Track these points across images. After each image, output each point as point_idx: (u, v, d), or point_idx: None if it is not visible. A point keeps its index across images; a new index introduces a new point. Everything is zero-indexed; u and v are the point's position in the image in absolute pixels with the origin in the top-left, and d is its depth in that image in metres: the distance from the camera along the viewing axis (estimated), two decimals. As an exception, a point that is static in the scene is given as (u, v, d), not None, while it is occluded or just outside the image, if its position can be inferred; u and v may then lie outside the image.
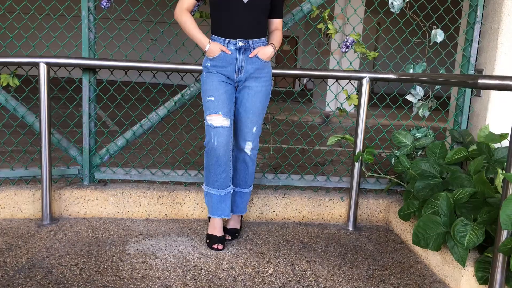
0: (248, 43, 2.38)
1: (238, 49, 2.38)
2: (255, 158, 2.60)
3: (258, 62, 2.42)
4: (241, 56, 2.39)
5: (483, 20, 2.97)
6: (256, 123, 2.50)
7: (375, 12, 3.32)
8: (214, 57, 2.38)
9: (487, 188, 2.17)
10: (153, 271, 2.16)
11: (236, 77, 2.42)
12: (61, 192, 2.82)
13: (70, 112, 7.05)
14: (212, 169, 2.44)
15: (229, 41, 2.37)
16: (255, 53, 2.40)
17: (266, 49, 2.42)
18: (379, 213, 3.02)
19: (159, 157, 4.22)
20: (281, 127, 3.23)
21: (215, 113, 2.37)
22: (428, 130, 2.99)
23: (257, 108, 2.47)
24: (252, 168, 2.61)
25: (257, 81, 2.44)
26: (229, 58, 2.38)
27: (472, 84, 1.81)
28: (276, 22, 2.53)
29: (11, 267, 2.13)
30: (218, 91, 2.38)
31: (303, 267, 2.30)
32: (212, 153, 2.40)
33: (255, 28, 2.39)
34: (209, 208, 2.53)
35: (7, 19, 2.87)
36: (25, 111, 2.83)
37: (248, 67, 2.41)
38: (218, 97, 2.38)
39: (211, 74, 2.41)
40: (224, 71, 2.40)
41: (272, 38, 2.51)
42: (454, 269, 2.14)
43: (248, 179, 2.63)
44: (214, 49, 2.36)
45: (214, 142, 2.38)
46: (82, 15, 2.77)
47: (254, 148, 2.56)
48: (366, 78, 2.79)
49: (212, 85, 2.39)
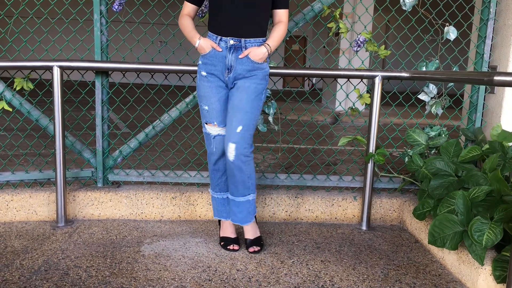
0: (240, 42, 2.25)
1: (229, 47, 2.25)
2: (244, 165, 2.29)
3: (249, 63, 2.27)
4: (231, 55, 2.26)
5: (497, 16, 2.94)
6: (241, 122, 2.25)
7: (385, 10, 3.29)
8: (205, 54, 2.29)
9: (503, 186, 2.14)
10: (168, 272, 2.17)
11: (226, 76, 2.30)
12: (76, 194, 2.84)
13: (83, 114, 7.10)
14: (212, 174, 2.46)
15: (221, 39, 2.26)
16: (246, 53, 2.26)
17: (258, 49, 2.25)
18: (392, 213, 3.00)
19: (171, 159, 4.23)
20: (293, 127, 3.22)
21: (210, 122, 2.35)
22: (441, 129, 2.96)
23: (244, 105, 2.25)
24: (239, 176, 2.30)
25: (246, 80, 2.29)
26: (219, 56, 2.27)
27: (487, 81, 1.79)
28: (280, 13, 2.32)
29: (27, 269, 2.15)
30: (211, 100, 2.32)
31: (318, 267, 2.29)
32: (212, 158, 2.41)
33: (250, 27, 2.25)
34: (214, 210, 2.54)
35: (21, 24, 2.90)
36: (39, 114, 2.86)
37: (237, 67, 2.27)
38: (211, 106, 2.32)
39: (203, 78, 2.33)
40: (214, 70, 2.30)
41: (271, 35, 2.31)
42: (471, 268, 2.12)
43: (239, 187, 2.35)
44: (204, 45, 2.27)
45: (213, 147, 2.38)
46: (94, 19, 2.79)
47: (240, 154, 2.25)
48: (379, 76, 2.77)
49: (204, 91, 2.33)
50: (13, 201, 2.78)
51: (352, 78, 2.88)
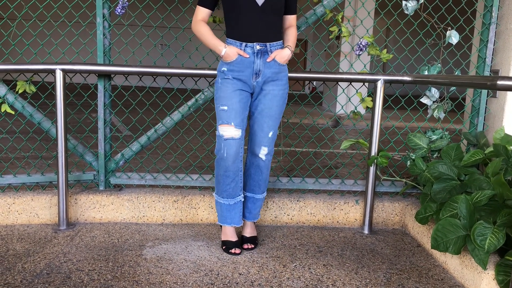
0: (265, 46, 2.34)
1: (256, 52, 2.33)
2: (270, 163, 2.55)
3: (276, 65, 2.38)
4: (259, 60, 2.34)
5: (499, 21, 2.94)
6: (273, 127, 2.46)
7: (386, 14, 3.29)
8: (231, 61, 2.33)
9: (506, 190, 2.14)
10: (170, 275, 2.17)
11: (254, 81, 2.37)
12: (77, 197, 2.84)
13: (85, 117, 7.11)
14: (221, 180, 2.42)
15: (246, 45, 2.32)
16: (273, 57, 2.35)
17: (283, 52, 2.38)
18: (394, 216, 2.99)
19: (173, 162, 4.23)
20: (295, 130, 3.22)
21: (227, 123, 2.33)
22: (443, 132, 2.96)
23: (274, 112, 2.43)
24: (266, 173, 2.55)
25: (274, 85, 2.40)
26: (246, 62, 2.33)
27: (490, 86, 1.79)
28: (290, 18, 2.47)
29: (29, 272, 2.15)
30: (232, 100, 2.33)
31: (320, 271, 2.28)
32: (222, 163, 2.38)
33: (271, 31, 2.34)
34: (218, 216, 2.53)
35: (24, 27, 2.91)
36: (41, 117, 2.87)
37: (266, 71, 2.36)
38: (231, 106, 2.33)
39: (226, 80, 2.35)
40: (241, 76, 2.34)
41: (288, 39, 2.45)
42: (474, 273, 2.11)
43: (262, 185, 2.57)
44: (230, 53, 2.31)
45: (223, 153, 2.35)
46: (97, 22, 2.80)
47: (269, 154, 2.51)
48: (381, 80, 2.77)
49: (226, 93, 2.34)
50: (15, 204, 2.78)
51: (354, 82, 2.87)
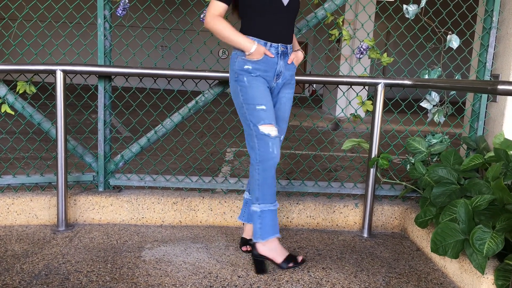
0: (286, 48, 2.27)
1: (280, 53, 2.24)
2: None
3: (293, 68, 2.34)
4: (282, 61, 2.25)
5: (499, 25, 2.94)
6: (285, 130, 2.43)
7: (387, 18, 3.31)
8: (257, 60, 2.19)
9: (506, 194, 2.13)
10: (169, 278, 2.16)
11: (274, 83, 2.28)
12: (77, 199, 2.84)
13: (85, 118, 7.12)
14: (271, 181, 2.23)
15: (271, 45, 2.21)
16: (292, 59, 2.30)
17: (298, 54, 2.34)
18: (394, 220, 2.99)
19: (173, 163, 4.23)
20: (295, 133, 3.22)
21: (269, 123, 2.17)
22: (443, 136, 2.96)
23: (287, 115, 2.40)
24: None
25: (288, 88, 2.36)
26: (271, 63, 2.22)
27: (491, 90, 1.79)
28: None
29: (28, 273, 2.15)
30: (267, 98, 2.20)
31: (319, 275, 2.28)
32: (271, 163, 2.20)
33: (290, 32, 2.28)
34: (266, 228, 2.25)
35: (24, 27, 2.91)
36: (41, 118, 2.86)
37: (286, 73, 2.30)
38: (269, 106, 2.19)
39: (256, 78, 2.20)
40: (265, 76, 2.23)
41: (295, 42, 2.42)
42: (473, 277, 2.11)
43: None
44: (260, 51, 2.17)
45: (274, 150, 2.18)
46: (98, 23, 2.80)
47: None
48: (381, 84, 2.77)
49: (259, 91, 2.19)
50: (14, 205, 2.78)
51: (354, 85, 2.88)
